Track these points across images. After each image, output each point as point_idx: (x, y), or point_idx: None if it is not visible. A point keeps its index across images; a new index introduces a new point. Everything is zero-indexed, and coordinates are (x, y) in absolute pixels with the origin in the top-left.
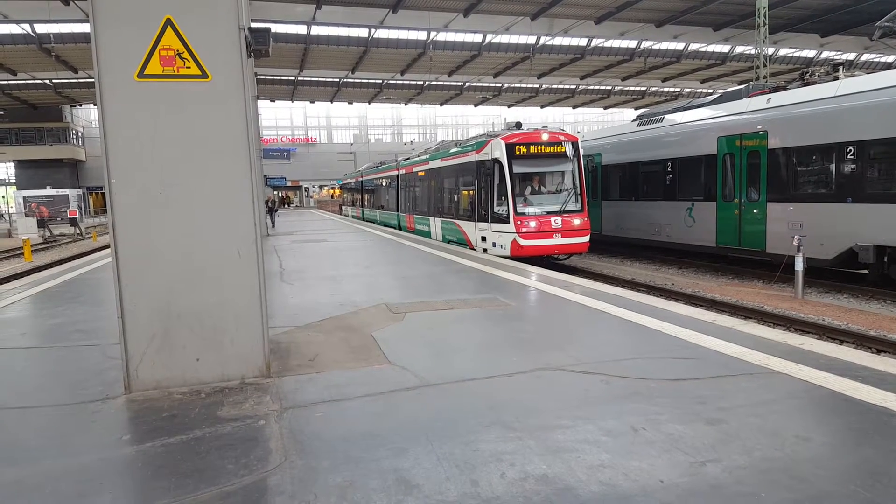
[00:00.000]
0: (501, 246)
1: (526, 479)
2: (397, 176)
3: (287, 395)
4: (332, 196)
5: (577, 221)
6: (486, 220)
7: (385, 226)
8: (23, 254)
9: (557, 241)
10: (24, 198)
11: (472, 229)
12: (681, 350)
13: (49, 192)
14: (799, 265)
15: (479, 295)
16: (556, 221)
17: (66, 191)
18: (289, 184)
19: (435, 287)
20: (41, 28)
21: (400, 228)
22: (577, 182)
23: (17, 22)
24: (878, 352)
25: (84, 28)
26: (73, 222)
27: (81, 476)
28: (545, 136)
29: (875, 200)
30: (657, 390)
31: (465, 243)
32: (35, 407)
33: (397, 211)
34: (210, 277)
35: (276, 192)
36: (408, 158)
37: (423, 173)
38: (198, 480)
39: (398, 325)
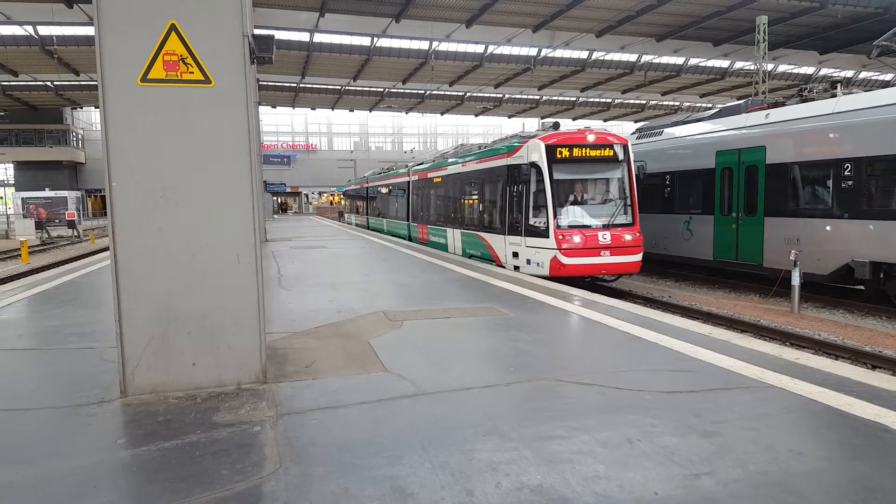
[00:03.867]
0: (538, 264)
1: (521, 489)
2: (409, 182)
3: (283, 401)
4: (332, 203)
5: (628, 237)
6: (518, 234)
7: (393, 236)
8: (20, 255)
9: (606, 259)
10: (22, 199)
11: (500, 243)
12: (677, 363)
13: (48, 193)
14: (796, 280)
15: (477, 304)
16: (605, 237)
17: (65, 193)
18: (288, 190)
19: (433, 295)
20: (44, 30)
21: (410, 239)
22: (628, 191)
23: (20, 23)
24: (874, 367)
25: (86, 31)
26: (72, 224)
27: (76, 479)
28: (591, 138)
29: (872, 217)
30: (653, 402)
31: (490, 259)
32: (30, 409)
33: (408, 220)
34: (208, 282)
35: (274, 198)
36: (421, 163)
37: (439, 179)
38: (192, 485)
39: (396, 332)
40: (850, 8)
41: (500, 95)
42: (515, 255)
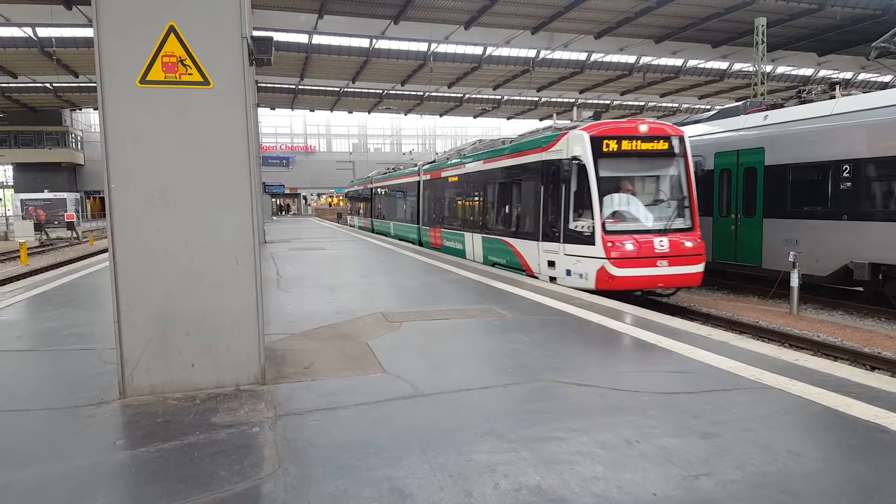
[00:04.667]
0: (581, 275)
1: (520, 490)
2: (419, 182)
3: (282, 402)
4: (330, 204)
5: (688, 243)
6: (555, 240)
7: (401, 240)
8: (19, 257)
9: (663, 269)
10: (21, 201)
11: (532, 251)
12: (675, 364)
13: (47, 195)
14: (794, 281)
15: (475, 305)
16: (662, 243)
17: (64, 194)
18: (287, 191)
19: (432, 297)
20: (43, 32)
21: (420, 244)
22: (686, 190)
23: (19, 25)
24: (872, 368)
25: (85, 32)
26: (71, 226)
27: (75, 480)
28: (644, 128)
29: (870, 218)
30: (651, 403)
31: (517, 267)
32: (29, 410)
33: (418, 223)
34: (207, 283)
35: (273, 200)
36: (432, 162)
37: (455, 178)
38: (191, 486)
39: (394, 334)
40: (849, 10)
41: (499, 97)
42: (551, 264)
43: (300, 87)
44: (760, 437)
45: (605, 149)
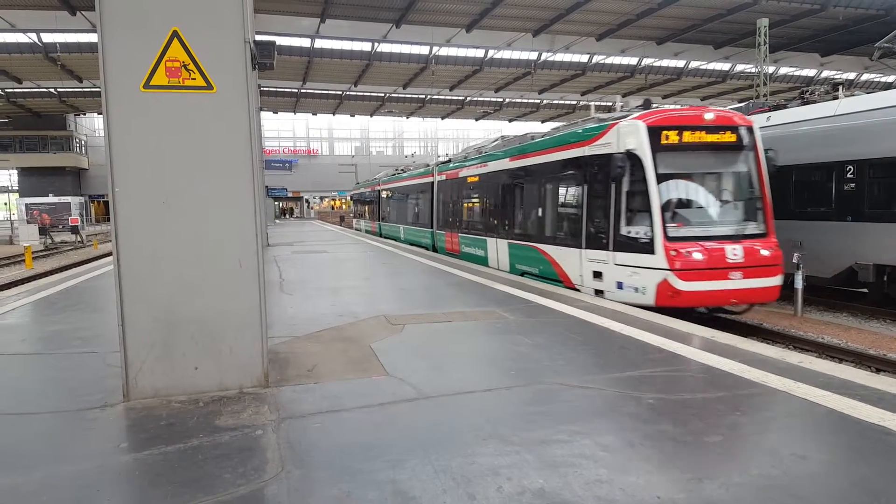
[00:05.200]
0: (638, 289)
1: (523, 493)
2: (433, 183)
3: (285, 405)
4: (333, 207)
5: (765, 252)
6: (602, 247)
7: (412, 245)
8: (24, 261)
9: (737, 283)
10: (26, 205)
11: (572, 260)
12: (680, 366)
13: (51, 199)
14: (798, 283)
15: (478, 308)
16: (735, 252)
17: (69, 198)
18: (290, 195)
19: (434, 299)
20: (47, 37)
21: (435, 250)
22: (759, 190)
23: (24, 31)
24: (878, 370)
25: (90, 38)
26: (75, 230)
27: (79, 483)
28: (709, 116)
29: (874, 219)
30: (655, 406)
31: (553, 278)
32: (34, 413)
33: (431, 227)
34: (211, 287)
35: (276, 203)
36: (447, 161)
37: (476, 178)
38: (195, 489)
39: (397, 336)
40: (852, 10)
41: (501, 99)
42: (598, 275)
43: (303, 90)
44: (765, 439)
45: (664, 140)
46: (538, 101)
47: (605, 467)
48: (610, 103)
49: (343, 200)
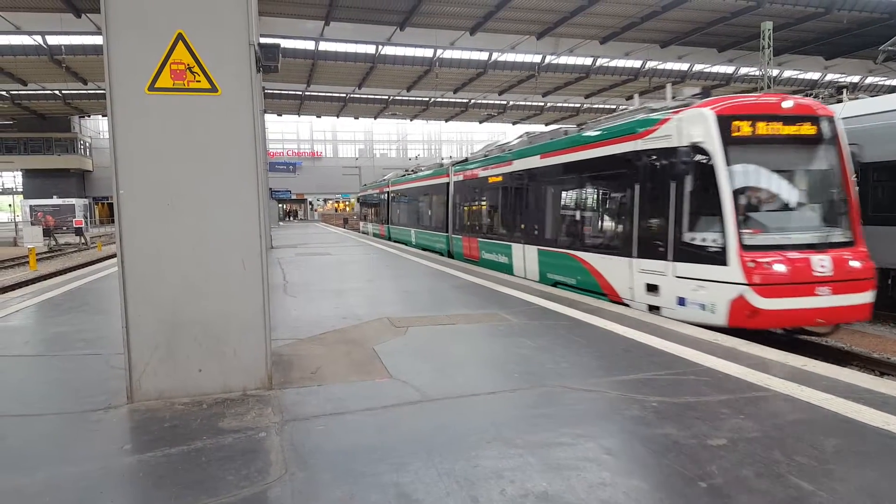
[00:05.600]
0: (705, 306)
1: (526, 496)
2: (448, 184)
3: (288, 407)
4: (336, 210)
5: (855, 263)
6: (659, 256)
7: (425, 250)
8: (28, 262)
9: (825, 299)
10: (30, 207)
11: (620, 270)
12: (683, 369)
13: (55, 201)
14: None
15: (482, 310)
16: (823, 263)
17: (73, 200)
18: (294, 197)
19: (438, 302)
20: (52, 39)
21: (451, 255)
22: (844, 191)
23: (30, 33)
24: (882, 374)
25: (95, 40)
26: (79, 232)
27: (83, 485)
28: (788, 105)
29: (879, 223)
30: (659, 409)
31: (595, 290)
32: (37, 415)
33: (447, 231)
34: (215, 289)
35: (280, 205)
36: (464, 160)
37: (499, 178)
38: (198, 491)
39: (400, 339)
40: (856, 13)
41: (505, 102)
42: (652, 288)
43: (307, 93)
44: (768, 442)
45: (735, 132)
46: (542, 103)
47: (608, 470)
48: (613, 106)
49: (346, 203)
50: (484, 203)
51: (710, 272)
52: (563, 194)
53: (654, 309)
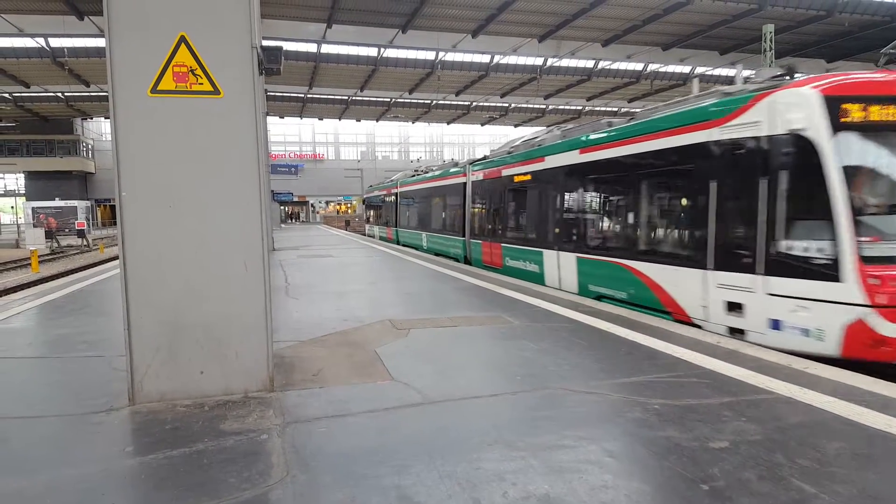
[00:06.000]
0: (810, 331)
1: (528, 498)
2: (465, 185)
3: (290, 409)
4: (338, 212)
5: None
6: (746, 269)
7: (437, 255)
8: (30, 264)
9: None
10: (32, 209)
11: (691, 284)
12: (685, 372)
13: (58, 203)
14: None
15: (484, 312)
16: None
17: (75, 202)
18: (296, 199)
19: (440, 304)
20: (55, 42)
21: (468, 262)
22: None
23: (32, 36)
24: (884, 377)
25: (97, 42)
26: (81, 234)
27: (84, 486)
28: None
29: None
30: (661, 411)
31: (655, 307)
32: (39, 417)
33: (464, 235)
34: (217, 291)
35: (282, 207)
36: (484, 159)
37: (526, 177)
38: (199, 493)
39: (402, 341)
40: (857, 16)
41: (507, 105)
42: (735, 307)
43: (309, 95)
44: (770, 445)
45: (847, 118)
46: (544, 106)
47: (610, 473)
48: (615, 109)
49: (348, 205)
50: (508, 204)
51: (817, 289)
52: (611, 194)
53: (736, 332)
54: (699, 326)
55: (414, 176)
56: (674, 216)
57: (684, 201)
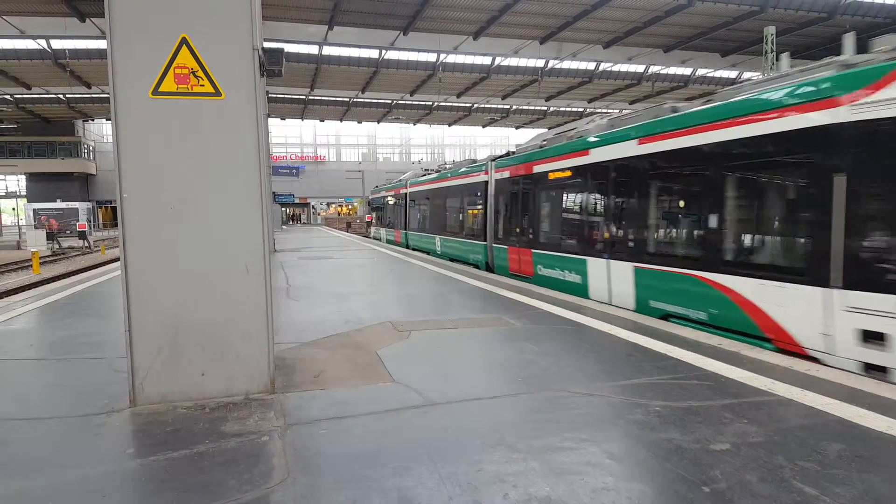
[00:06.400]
0: None
1: (529, 500)
2: (487, 184)
3: (291, 411)
4: (339, 213)
5: None
6: (892, 289)
7: (453, 260)
8: (31, 266)
9: None
10: (34, 210)
11: (805, 305)
12: (686, 374)
13: (59, 205)
14: None
15: (485, 314)
16: None
17: (76, 204)
18: (297, 201)
19: (441, 306)
20: (57, 44)
21: (489, 269)
22: None
23: (34, 37)
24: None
25: (99, 44)
26: (83, 235)
27: (85, 488)
28: None
29: None
30: (662, 413)
31: (747, 330)
32: (40, 419)
33: (485, 240)
34: (218, 292)
35: (283, 209)
36: (508, 154)
37: (565, 174)
38: (200, 495)
39: (403, 343)
40: (859, 18)
41: (508, 106)
42: (874, 337)
43: (310, 97)
44: (771, 447)
45: None
46: (545, 108)
47: (611, 475)
48: (616, 111)
49: (349, 207)
50: (541, 205)
51: None
52: (682, 192)
53: (874, 369)
54: (816, 360)
55: (425, 175)
56: (776, 218)
57: (793, 200)
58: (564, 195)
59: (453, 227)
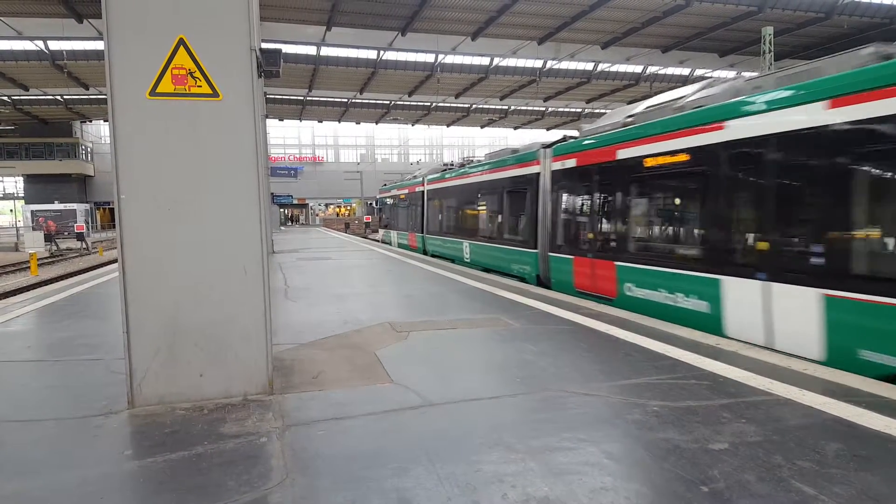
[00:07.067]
0: None
1: (528, 501)
2: (539, 176)
3: (290, 412)
4: (338, 214)
5: None
6: None
7: (489, 270)
8: (29, 267)
9: None
10: (32, 212)
11: None
12: (685, 374)
13: (57, 206)
14: None
15: (483, 315)
16: None
17: (74, 205)
18: (295, 202)
19: (440, 306)
20: (54, 45)
21: (541, 283)
22: None
23: (31, 38)
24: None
25: (96, 45)
26: (80, 237)
27: (83, 490)
28: None
29: None
30: (661, 413)
31: None
32: (38, 420)
33: (536, 247)
34: (216, 293)
35: (282, 210)
36: (566, 139)
37: (678, 158)
38: (199, 497)
39: (402, 343)
40: (857, 18)
41: (506, 107)
42: None
43: (308, 98)
44: (769, 447)
45: None
46: (543, 108)
47: (609, 475)
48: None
49: (348, 208)
50: (634, 201)
51: None
52: None
53: None
54: None
55: (445, 171)
56: None
57: None
58: (675, 187)
59: (487, 231)
